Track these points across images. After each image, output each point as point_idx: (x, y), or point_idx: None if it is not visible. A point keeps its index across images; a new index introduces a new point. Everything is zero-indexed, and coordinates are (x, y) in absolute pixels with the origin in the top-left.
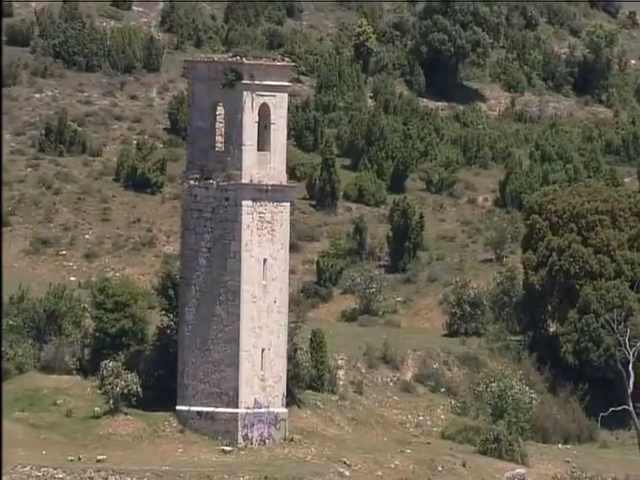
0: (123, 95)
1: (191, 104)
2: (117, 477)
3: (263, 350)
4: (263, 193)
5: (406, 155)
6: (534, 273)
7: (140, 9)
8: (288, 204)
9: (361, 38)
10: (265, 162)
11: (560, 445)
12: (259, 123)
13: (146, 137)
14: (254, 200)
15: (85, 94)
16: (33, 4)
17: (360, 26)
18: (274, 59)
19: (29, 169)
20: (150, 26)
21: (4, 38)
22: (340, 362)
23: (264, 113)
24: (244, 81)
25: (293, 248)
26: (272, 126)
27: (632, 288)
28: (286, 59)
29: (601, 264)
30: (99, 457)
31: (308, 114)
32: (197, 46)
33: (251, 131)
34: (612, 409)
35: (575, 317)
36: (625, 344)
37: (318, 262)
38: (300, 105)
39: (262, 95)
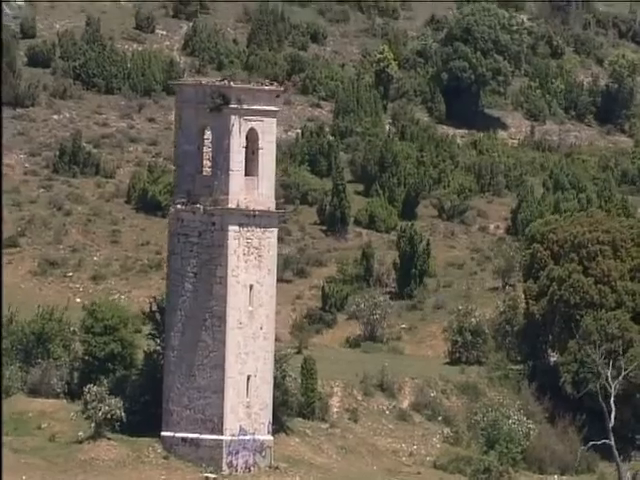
0: (141, 117)
1: (178, 127)
2: None
3: (249, 377)
4: (250, 218)
5: (418, 182)
6: (535, 302)
7: (163, 32)
8: (276, 230)
9: (382, 64)
10: (252, 187)
11: (557, 476)
12: (247, 148)
13: (161, 160)
14: (241, 225)
15: (103, 116)
16: (57, 26)
17: (381, 53)
18: (262, 83)
19: (41, 190)
20: (172, 49)
21: (25, 59)
22: (336, 389)
23: (252, 138)
24: (232, 105)
25: (301, 273)
26: (260, 151)
27: (633, 319)
28: (274, 84)
29: (602, 294)
30: None
31: (322, 139)
32: (219, 69)
33: (238, 156)
34: (592, 443)
35: (575, 347)
36: (607, 378)
37: (323, 288)
38: (315, 130)
39: (250, 120)
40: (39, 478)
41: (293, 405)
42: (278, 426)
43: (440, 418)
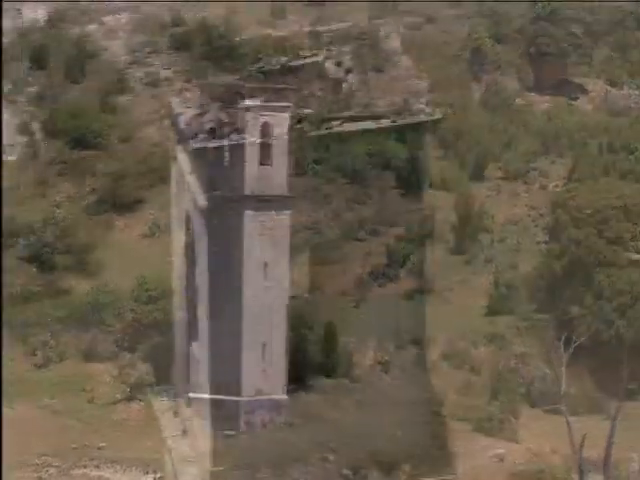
0: None
1: None
2: (108, 465)
3: (265, 344)
4: (265, 203)
5: (487, 147)
6: (557, 261)
7: (294, 19)
8: (289, 212)
9: (478, 42)
10: (267, 175)
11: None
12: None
13: None
14: (256, 210)
15: None
16: (205, 14)
17: (476, 32)
18: (275, 83)
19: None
20: (299, 34)
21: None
22: (371, 343)
23: (266, 131)
24: (246, 102)
25: (374, 232)
26: (273, 143)
27: None
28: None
29: (614, 254)
30: (100, 445)
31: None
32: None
33: (253, 148)
34: (544, 407)
35: (590, 301)
36: (560, 347)
37: (388, 245)
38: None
39: (263, 115)
40: (69, 439)
41: (314, 366)
42: (299, 384)
43: (467, 367)
